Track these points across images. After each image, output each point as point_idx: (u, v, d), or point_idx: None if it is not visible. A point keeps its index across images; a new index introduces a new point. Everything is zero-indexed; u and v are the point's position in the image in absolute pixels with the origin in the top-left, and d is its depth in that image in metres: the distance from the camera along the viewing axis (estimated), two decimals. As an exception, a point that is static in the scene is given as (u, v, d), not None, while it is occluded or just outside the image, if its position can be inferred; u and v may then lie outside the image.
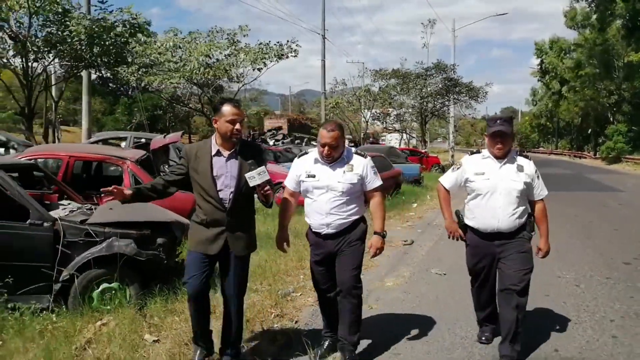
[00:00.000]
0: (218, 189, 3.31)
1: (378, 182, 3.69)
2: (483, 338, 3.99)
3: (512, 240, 3.67)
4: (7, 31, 10.88)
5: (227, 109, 3.32)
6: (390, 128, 38.77)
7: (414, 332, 4.23)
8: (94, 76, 16.43)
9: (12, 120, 33.12)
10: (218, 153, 3.37)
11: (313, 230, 3.69)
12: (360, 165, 3.61)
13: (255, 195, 3.40)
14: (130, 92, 33.96)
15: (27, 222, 4.22)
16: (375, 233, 3.68)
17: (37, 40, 11.51)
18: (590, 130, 48.69)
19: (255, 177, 3.19)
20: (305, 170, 3.65)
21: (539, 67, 55.75)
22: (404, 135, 39.91)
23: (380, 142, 36.42)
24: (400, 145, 36.01)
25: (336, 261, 3.65)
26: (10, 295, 4.12)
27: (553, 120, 59.10)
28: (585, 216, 10.81)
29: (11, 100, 30.10)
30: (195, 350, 3.47)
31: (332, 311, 3.78)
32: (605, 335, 4.08)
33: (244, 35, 14.40)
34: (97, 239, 4.32)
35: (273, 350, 3.82)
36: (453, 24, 36.02)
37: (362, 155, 3.69)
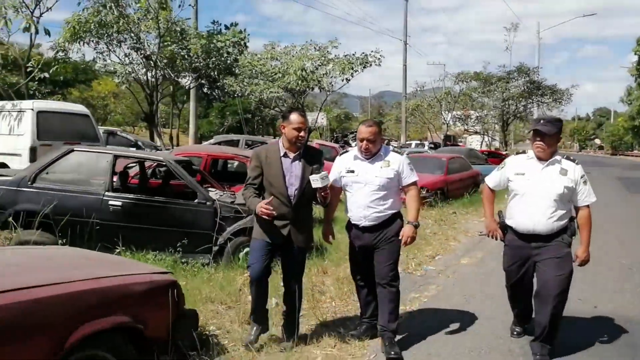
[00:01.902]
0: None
1: (414, 178, 3.89)
2: (514, 333, 4.05)
3: (549, 244, 3.61)
4: (142, 51, 13.13)
5: (294, 117, 3.67)
6: (471, 130, 38.91)
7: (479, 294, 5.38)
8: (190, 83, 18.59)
9: (117, 122, 37.24)
10: (285, 155, 3.72)
11: (352, 222, 3.91)
12: (397, 162, 3.83)
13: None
14: (222, 98, 36.91)
15: (195, 201, 5.86)
16: (408, 222, 3.85)
17: (163, 57, 13.69)
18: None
19: (318, 180, 3.53)
20: (345, 166, 3.91)
21: (637, 64, 52.73)
22: (485, 137, 39.84)
23: (459, 144, 36.62)
24: (481, 147, 36.12)
25: (374, 255, 3.86)
26: (184, 253, 5.76)
27: (649, 121, 55.55)
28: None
29: (117, 105, 34.29)
30: (252, 327, 3.84)
31: (367, 300, 4.07)
32: (640, 299, 5.05)
33: (335, 47, 15.81)
34: (243, 215, 5.86)
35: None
36: (538, 26, 35.63)
37: (399, 153, 3.96)
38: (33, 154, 9.72)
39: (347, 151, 4.08)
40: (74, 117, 10.84)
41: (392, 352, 3.71)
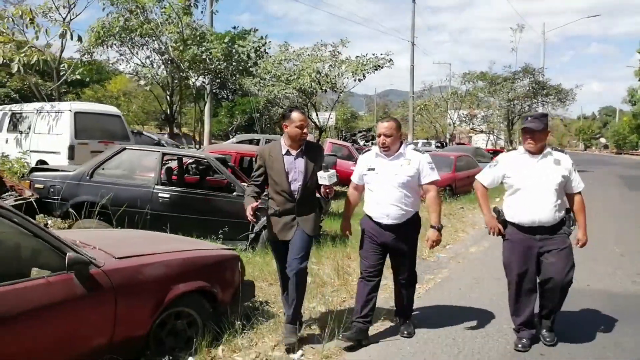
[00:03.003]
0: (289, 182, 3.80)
1: (434, 177, 3.88)
2: (520, 345, 3.86)
3: (554, 236, 3.76)
4: (167, 55, 13.93)
5: (295, 115, 3.77)
6: (477, 129, 39.50)
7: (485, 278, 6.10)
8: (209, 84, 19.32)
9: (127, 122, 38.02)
10: (288, 152, 3.82)
11: (374, 220, 3.91)
12: (417, 160, 3.86)
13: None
14: (230, 97, 37.73)
15: (234, 194, 6.60)
16: (431, 227, 3.86)
17: (185, 61, 14.48)
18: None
19: (325, 177, 3.70)
20: (367, 164, 3.96)
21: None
22: (491, 136, 40.42)
23: (466, 143, 37.26)
24: (487, 146, 36.70)
25: (397, 256, 3.99)
26: (224, 240, 6.50)
27: (654, 121, 55.91)
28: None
29: (128, 104, 35.21)
30: (287, 329, 3.81)
31: (367, 297, 3.95)
32: (627, 281, 5.80)
33: (345, 47, 16.39)
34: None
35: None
36: (543, 27, 36.12)
37: (419, 152, 3.98)
38: (71, 152, 10.55)
39: (368, 149, 4.23)
40: (107, 117, 11.65)
41: (406, 332, 4.08)
